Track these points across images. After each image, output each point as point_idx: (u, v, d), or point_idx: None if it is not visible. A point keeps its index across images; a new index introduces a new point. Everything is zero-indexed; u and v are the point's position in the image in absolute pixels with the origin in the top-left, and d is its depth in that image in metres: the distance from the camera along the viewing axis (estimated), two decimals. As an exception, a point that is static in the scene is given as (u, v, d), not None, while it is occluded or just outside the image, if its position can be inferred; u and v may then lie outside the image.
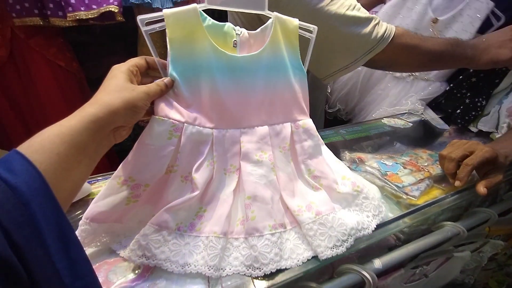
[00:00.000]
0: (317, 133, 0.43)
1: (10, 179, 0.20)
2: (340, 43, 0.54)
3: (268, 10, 0.40)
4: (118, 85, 0.30)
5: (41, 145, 0.24)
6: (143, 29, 0.34)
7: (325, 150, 0.45)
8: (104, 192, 0.34)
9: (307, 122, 0.43)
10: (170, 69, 0.35)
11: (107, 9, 0.82)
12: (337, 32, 0.52)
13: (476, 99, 0.71)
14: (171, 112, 0.36)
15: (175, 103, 0.36)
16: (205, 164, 0.38)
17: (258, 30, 0.41)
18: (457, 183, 0.48)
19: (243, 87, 0.39)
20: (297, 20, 0.41)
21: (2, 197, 0.19)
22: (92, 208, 0.34)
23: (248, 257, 0.34)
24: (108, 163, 1.08)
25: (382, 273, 0.51)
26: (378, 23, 0.54)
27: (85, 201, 0.44)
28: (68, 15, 0.79)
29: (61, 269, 0.20)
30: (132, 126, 0.35)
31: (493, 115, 0.67)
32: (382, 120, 0.82)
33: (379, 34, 0.53)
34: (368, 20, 0.52)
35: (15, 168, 0.21)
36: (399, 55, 0.57)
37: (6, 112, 0.94)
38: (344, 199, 0.41)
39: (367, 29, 0.52)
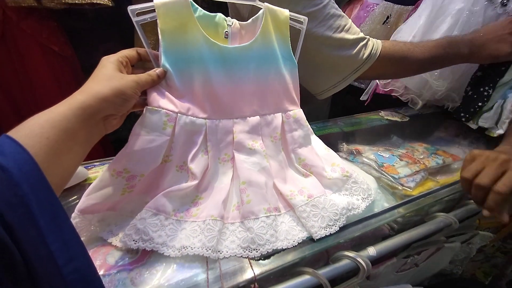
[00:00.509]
0: (307, 123, 0.45)
1: (1, 161, 0.20)
2: (327, 64, 0.55)
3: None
4: (107, 74, 0.30)
5: (31, 130, 0.24)
6: (134, 19, 0.34)
7: (314, 139, 0.47)
8: (97, 184, 0.34)
9: (298, 112, 0.44)
10: (162, 60, 0.35)
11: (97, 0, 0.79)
12: (324, 54, 0.53)
13: (482, 89, 0.66)
14: (164, 102, 0.36)
15: (168, 94, 0.36)
16: (200, 154, 0.38)
17: (249, 21, 0.41)
18: (485, 212, 0.40)
19: (234, 78, 0.39)
20: (287, 11, 0.41)
21: None
22: (85, 201, 0.33)
23: (244, 240, 0.35)
24: (103, 153, 1.07)
25: (375, 262, 0.53)
26: (365, 43, 0.54)
27: (82, 186, 0.44)
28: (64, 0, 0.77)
29: (55, 251, 0.20)
30: (124, 116, 0.34)
31: (496, 111, 0.64)
32: (379, 114, 0.82)
33: (365, 55, 0.54)
34: (355, 42, 0.53)
35: (5, 151, 0.21)
36: (387, 68, 0.59)
37: (-2, 97, 0.91)
38: (334, 184, 0.43)
39: (354, 50, 0.53)
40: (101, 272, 0.31)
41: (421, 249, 0.57)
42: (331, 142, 0.64)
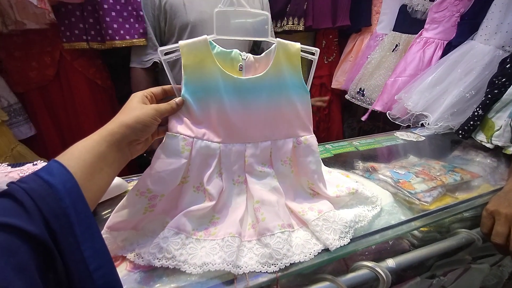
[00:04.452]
0: (318, 150, 0.47)
1: (50, 180, 0.25)
2: None
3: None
4: (131, 106, 0.35)
5: (72, 154, 0.29)
6: (162, 58, 0.40)
7: (322, 165, 0.49)
8: (123, 203, 0.38)
9: (309, 138, 0.46)
10: (183, 91, 0.40)
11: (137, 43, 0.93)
12: None
13: (475, 109, 0.74)
14: (182, 128, 0.40)
15: (186, 120, 0.40)
16: (215, 176, 0.41)
17: (263, 54, 0.46)
18: None
19: (248, 106, 0.42)
20: (298, 44, 0.45)
21: (44, 192, 0.24)
22: (112, 218, 0.37)
23: (262, 255, 0.36)
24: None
25: (397, 280, 0.52)
26: None
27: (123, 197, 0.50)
28: (107, 42, 0.92)
29: (87, 257, 0.24)
30: (147, 142, 0.39)
31: (505, 129, 0.67)
32: (394, 134, 0.84)
33: None
34: None
35: (53, 172, 0.26)
36: None
37: (47, 125, 1.05)
38: (342, 200, 0.46)
39: None
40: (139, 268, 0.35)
41: (446, 269, 0.55)
42: (347, 160, 0.67)
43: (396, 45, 1.10)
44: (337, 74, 1.43)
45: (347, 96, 1.33)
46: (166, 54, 0.40)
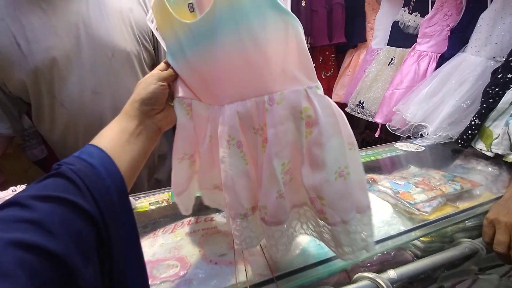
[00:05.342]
0: (306, 111, 0.30)
1: (91, 161, 0.27)
2: None
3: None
4: (137, 86, 0.37)
5: (100, 135, 0.33)
6: (151, 26, 0.38)
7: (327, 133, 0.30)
8: (173, 176, 0.41)
9: (288, 94, 0.30)
10: (166, 54, 0.38)
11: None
12: None
13: (472, 119, 0.76)
14: (180, 91, 0.38)
15: (181, 83, 0.38)
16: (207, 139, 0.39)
17: None
18: None
19: (207, 57, 0.32)
20: None
21: (88, 171, 0.26)
22: (174, 187, 0.42)
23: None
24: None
25: (403, 293, 0.52)
26: None
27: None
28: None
29: (122, 234, 0.26)
30: (166, 111, 0.38)
31: (503, 137, 0.68)
32: (394, 145, 0.86)
33: None
34: None
35: (93, 155, 0.28)
36: None
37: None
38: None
39: None
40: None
41: (453, 280, 0.55)
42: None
43: (392, 59, 1.14)
44: (337, 88, 1.47)
45: (347, 109, 1.35)
46: (153, 21, 0.38)
